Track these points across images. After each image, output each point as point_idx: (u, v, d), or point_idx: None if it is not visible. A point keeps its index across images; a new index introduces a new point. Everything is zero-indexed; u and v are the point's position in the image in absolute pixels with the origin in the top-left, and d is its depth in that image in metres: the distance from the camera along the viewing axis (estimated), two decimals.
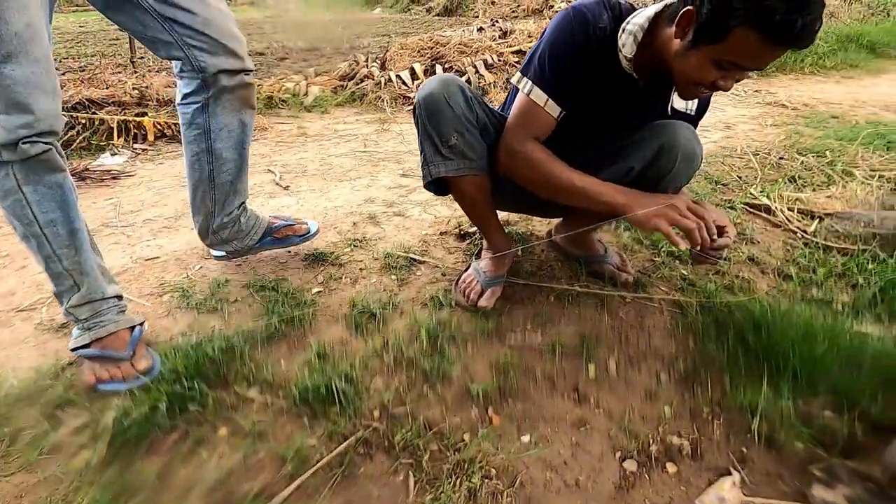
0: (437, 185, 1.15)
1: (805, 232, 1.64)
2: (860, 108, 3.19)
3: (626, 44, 0.99)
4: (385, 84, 3.33)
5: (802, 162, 2.15)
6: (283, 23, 9.66)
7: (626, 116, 1.12)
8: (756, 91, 3.67)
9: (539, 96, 1.03)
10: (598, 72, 1.02)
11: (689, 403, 1.02)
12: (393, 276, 1.34)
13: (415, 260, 1.42)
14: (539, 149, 1.05)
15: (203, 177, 1.20)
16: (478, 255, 1.33)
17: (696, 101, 1.13)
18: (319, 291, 1.29)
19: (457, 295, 1.25)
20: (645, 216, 0.96)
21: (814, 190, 1.92)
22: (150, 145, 2.51)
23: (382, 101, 3.16)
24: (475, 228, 1.56)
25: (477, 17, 10.21)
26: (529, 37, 3.90)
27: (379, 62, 3.62)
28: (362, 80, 3.42)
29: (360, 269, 1.38)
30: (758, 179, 2.02)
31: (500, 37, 3.98)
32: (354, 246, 1.50)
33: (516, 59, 3.65)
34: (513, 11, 10.12)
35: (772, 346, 1.11)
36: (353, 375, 1.00)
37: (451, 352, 1.07)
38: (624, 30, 0.99)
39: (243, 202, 1.30)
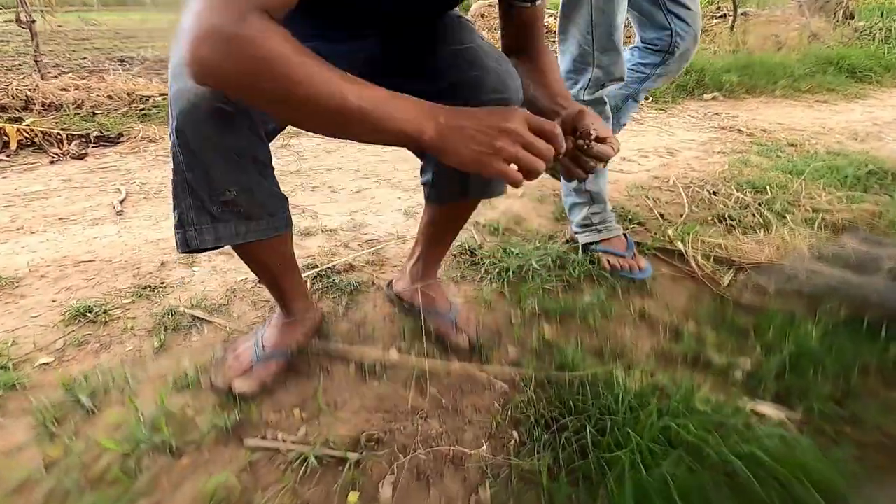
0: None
1: (717, 285, 1.34)
2: (825, 136, 2.91)
3: None
4: None
5: (738, 199, 1.85)
6: None
7: None
8: (716, 114, 3.39)
9: None
10: None
11: None
12: (157, 342, 1.03)
13: (199, 318, 1.11)
14: (280, 34, 0.53)
15: None
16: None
17: None
18: (46, 364, 0.98)
19: (216, 373, 0.94)
20: (466, 156, 0.59)
21: (744, 233, 1.62)
22: (8, 156, 2.20)
23: None
24: (304, 276, 1.26)
25: None
26: None
27: None
28: None
29: (123, 331, 1.07)
30: (682, 218, 1.72)
31: None
32: (139, 296, 1.18)
33: None
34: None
35: (612, 461, 0.80)
36: None
37: (144, 478, 0.76)
38: None
39: None
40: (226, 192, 0.71)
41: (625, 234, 1.43)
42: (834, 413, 0.96)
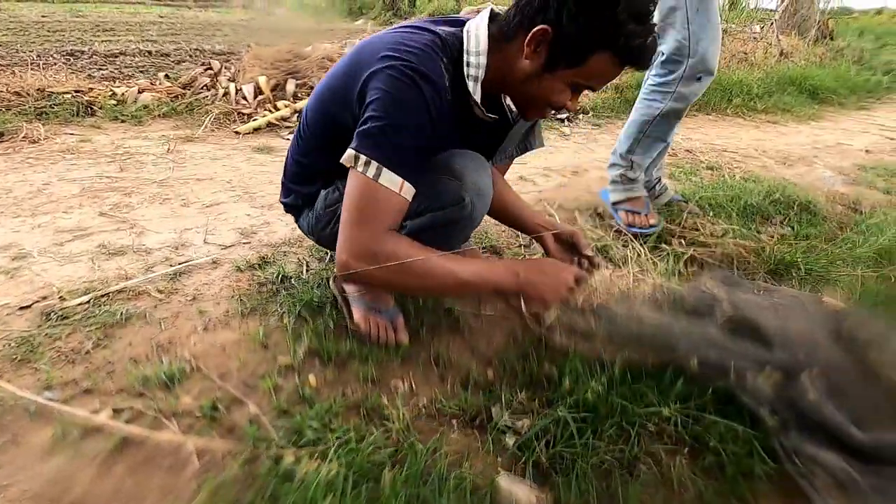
0: None
1: (541, 324, 1.23)
2: (753, 160, 2.80)
3: (475, 92, 0.89)
4: (223, 96, 2.94)
5: (615, 227, 1.74)
6: (251, 27, 9.33)
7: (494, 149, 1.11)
8: None
9: (391, 181, 0.83)
10: (454, 127, 0.91)
11: None
12: None
13: None
14: (404, 243, 0.87)
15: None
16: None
17: None
18: None
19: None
20: (550, 297, 0.96)
21: (606, 265, 1.51)
22: None
23: (208, 114, 2.76)
24: (72, 303, 1.14)
25: None
26: None
27: (232, 72, 3.22)
28: (202, 90, 3.02)
29: None
30: None
31: None
32: None
33: None
34: None
35: None
36: None
37: None
38: (468, 77, 0.88)
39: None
40: None
41: (646, 197, 1.69)
42: (594, 493, 0.85)
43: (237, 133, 2.64)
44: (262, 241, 1.49)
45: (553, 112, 0.93)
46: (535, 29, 0.81)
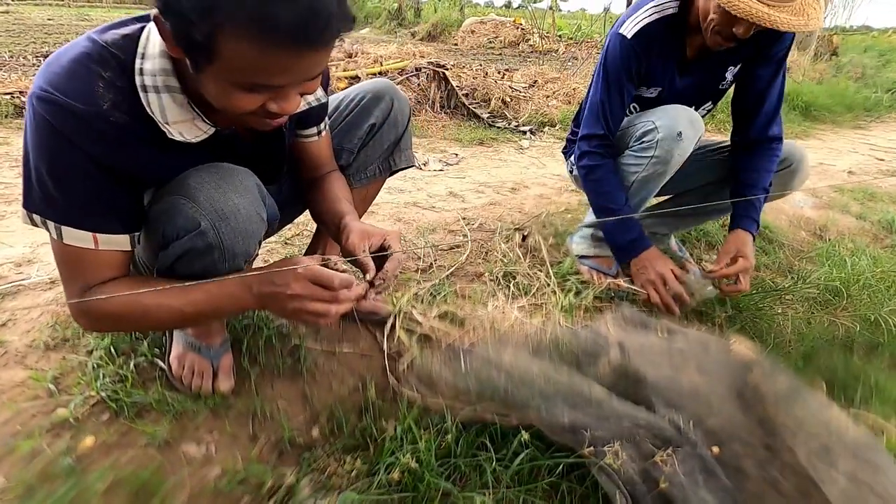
0: None
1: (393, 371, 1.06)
2: None
3: (167, 107, 0.68)
4: None
5: (534, 248, 1.57)
6: None
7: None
8: None
9: (78, 238, 0.69)
10: (163, 149, 0.71)
11: None
12: None
13: None
14: (112, 290, 0.72)
15: None
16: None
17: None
18: None
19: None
20: (278, 312, 0.77)
21: (512, 297, 1.34)
22: None
23: None
24: None
25: (456, 45, 9.94)
26: (375, 61, 3.40)
27: None
28: None
29: None
30: (447, 272, 1.44)
31: (344, 57, 3.48)
32: None
33: (347, 85, 3.15)
34: (490, 42, 9.92)
35: None
36: None
37: None
38: (141, 88, 0.66)
39: None
40: None
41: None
42: None
43: None
44: None
45: (269, 121, 0.69)
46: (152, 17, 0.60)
